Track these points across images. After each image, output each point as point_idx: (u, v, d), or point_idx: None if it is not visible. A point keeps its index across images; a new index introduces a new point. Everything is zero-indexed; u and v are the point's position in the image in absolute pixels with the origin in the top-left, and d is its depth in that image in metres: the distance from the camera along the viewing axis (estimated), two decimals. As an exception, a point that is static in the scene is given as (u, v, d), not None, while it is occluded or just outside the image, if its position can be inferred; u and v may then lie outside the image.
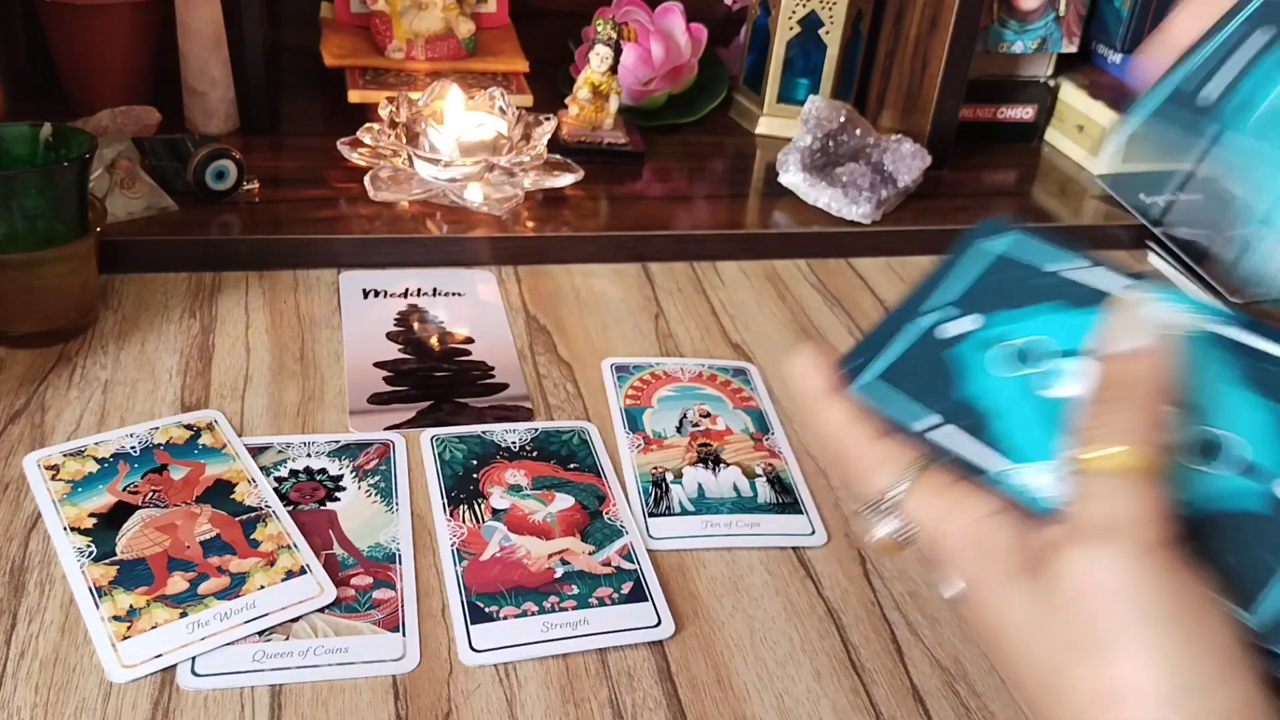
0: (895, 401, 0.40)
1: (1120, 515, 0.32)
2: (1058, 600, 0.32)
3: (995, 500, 0.36)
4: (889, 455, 0.39)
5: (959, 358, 0.40)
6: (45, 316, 0.65)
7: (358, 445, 0.60)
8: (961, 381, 0.39)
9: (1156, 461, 0.33)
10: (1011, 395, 0.38)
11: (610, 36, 0.89)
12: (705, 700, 0.49)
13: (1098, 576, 0.31)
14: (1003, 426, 0.38)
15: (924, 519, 0.37)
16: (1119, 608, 0.31)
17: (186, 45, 0.86)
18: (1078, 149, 1.03)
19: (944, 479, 0.38)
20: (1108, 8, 1.02)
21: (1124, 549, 0.31)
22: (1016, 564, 0.34)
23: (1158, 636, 0.30)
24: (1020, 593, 0.34)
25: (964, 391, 0.39)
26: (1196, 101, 0.41)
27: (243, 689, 0.46)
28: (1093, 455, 0.33)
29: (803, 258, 0.84)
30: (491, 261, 0.79)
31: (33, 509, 0.54)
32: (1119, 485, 0.33)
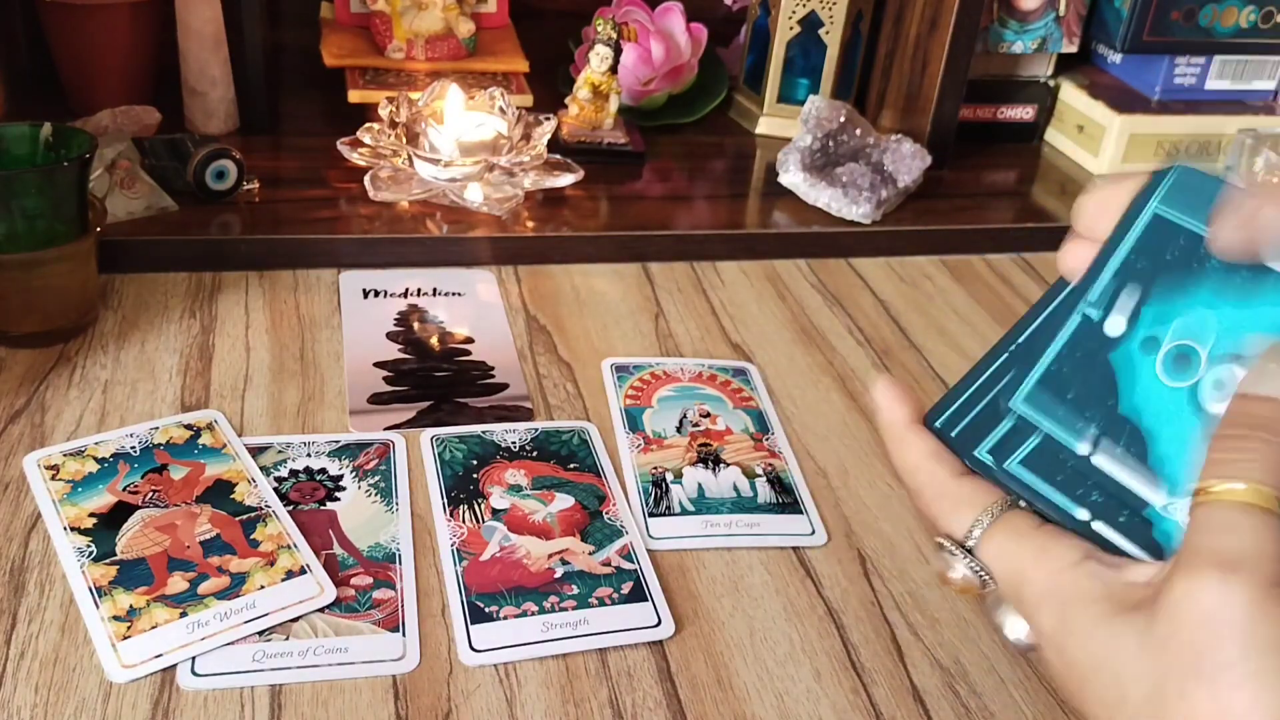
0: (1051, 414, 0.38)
1: (1243, 549, 0.32)
2: (1170, 630, 0.32)
3: (1079, 548, 0.36)
4: (971, 495, 0.38)
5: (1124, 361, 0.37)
6: (45, 316, 0.65)
7: (358, 445, 0.60)
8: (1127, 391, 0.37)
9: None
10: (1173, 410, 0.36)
11: (610, 36, 0.89)
12: (705, 700, 0.49)
13: (1217, 606, 0.31)
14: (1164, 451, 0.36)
15: (1003, 566, 0.37)
16: (1236, 637, 0.31)
17: (186, 45, 0.86)
18: (1078, 149, 1.03)
19: (1026, 524, 0.37)
20: (1108, 8, 1.02)
21: (1246, 582, 0.31)
22: (1110, 607, 0.34)
23: (1273, 667, 0.30)
24: (1118, 632, 0.33)
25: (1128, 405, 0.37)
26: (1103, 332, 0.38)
27: (243, 689, 0.46)
28: (1218, 487, 0.33)
29: (803, 258, 0.84)
30: (491, 261, 0.79)
31: (33, 509, 0.54)
32: (1242, 519, 0.32)
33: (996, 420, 0.39)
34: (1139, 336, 0.37)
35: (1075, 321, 0.38)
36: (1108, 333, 0.37)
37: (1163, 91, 1.03)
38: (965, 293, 0.83)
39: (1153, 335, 0.37)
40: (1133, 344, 0.37)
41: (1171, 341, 0.36)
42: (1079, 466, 0.37)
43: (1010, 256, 0.88)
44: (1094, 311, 0.38)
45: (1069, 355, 0.38)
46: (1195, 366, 0.36)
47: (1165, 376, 0.36)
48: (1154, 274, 0.37)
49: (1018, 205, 0.95)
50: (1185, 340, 0.36)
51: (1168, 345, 0.36)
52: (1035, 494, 0.37)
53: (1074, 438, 0.37)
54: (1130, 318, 0.37)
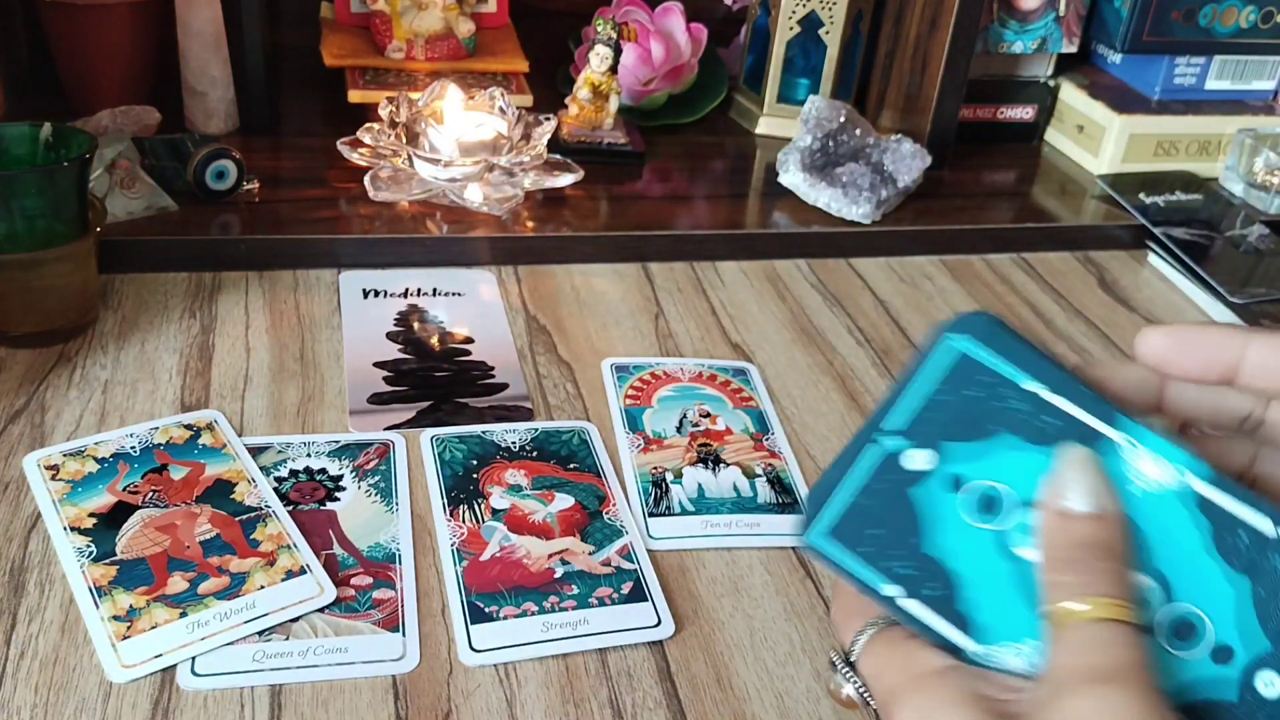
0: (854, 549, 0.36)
1: (1112, 661, 0.32)
2: None
3: (946, 659, 0.35)
4: (863, 609, 0.37)
5: (925, 499, 0.36)
6: (45, 316, 0.65)
7: (358, 445, 0.60)
8: (930, 531, 0.35)
9: (1133, 612, 0.33)
10: (980, 554, 0.35)
11: (610, 36, 0.89)
12: (705, 700, 0.49)
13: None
14: (972, 596, 0.35)
15: (876, 675, 0.36)
16: None
17: (186, 45, 0.86)
18: (1078, 149, 1.03)
19: (901, 634, 0.36)
20: (1108, 8, 1.02)
21: (1124, 693, 0.31)
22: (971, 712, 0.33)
23: None
24: None
25: (932, 546, 0.35)
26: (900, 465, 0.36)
27: (243, 689, 0.46)
28: (1070, 607, 0.33)
29: (803, 258, 0.84)
30: (491, 261, 0.79)
31: (33, 509, 0.54)
32: (1105, 633, 0.32)
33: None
34: (943, 475, 0.36)
35: (877, 452, 0.36)
36: (909, 467, 0.36)
37: (1163, 91, 1.03)
38: (965, 293, 0.83)
39: (957, 475, 0.35)
40: (934, 481, 0.36)
41: (976, 481, 0.35)
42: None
43: (1010, 256, 0.88)
44: (892, 443, 0.36)
45: (872, 488, 0.36)
46: (1001, 510, 0.35)
47: (971, 519, 0.35)
48: (958, 410, 0.36)
49: (1018, 205, 0.95)
50: (992, 482, 0.35)
51: (973, 485, 0.35)
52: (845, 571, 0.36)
53: (880, 578, 0.36)
54: (932, 453, 0.36)
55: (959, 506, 0.35)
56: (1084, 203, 0.96)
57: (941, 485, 0.36)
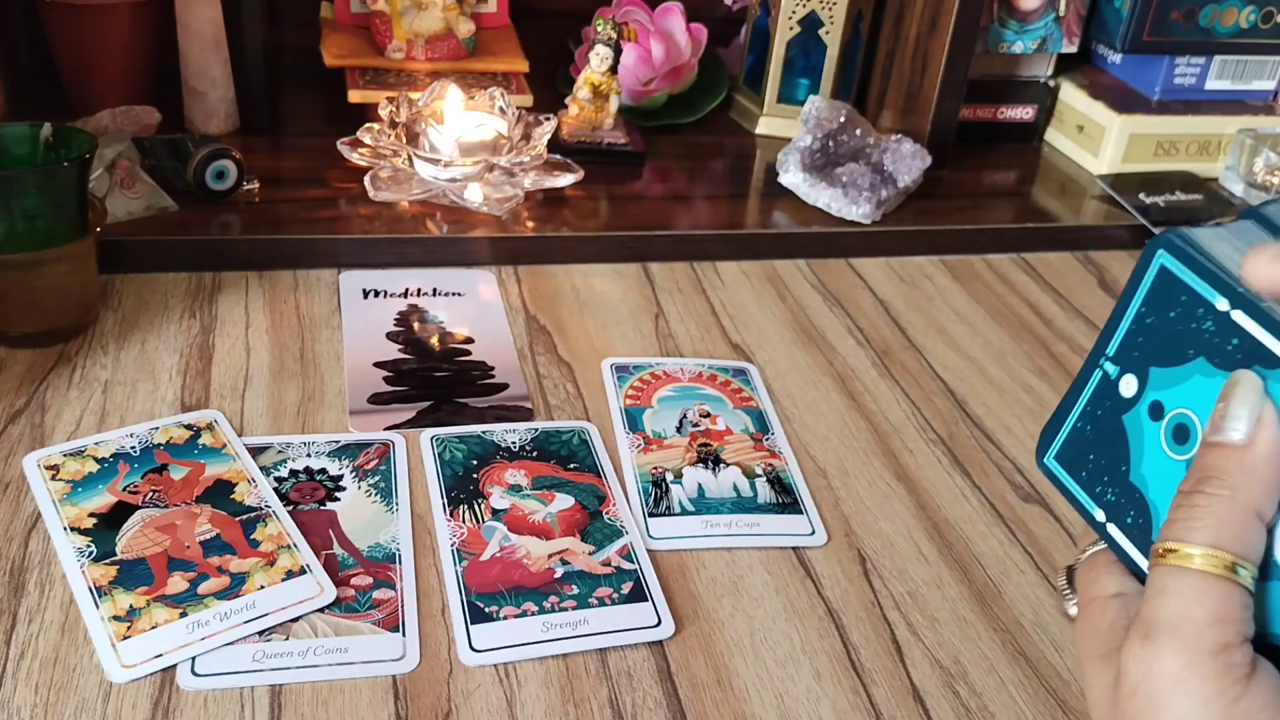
0: (1077, 474, 0.38)
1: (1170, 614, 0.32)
2: (1121, 689, 0.33)
3: (1120, 584, 0.36)
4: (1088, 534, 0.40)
5: (1136, 426, 0.36)
6: (45, 316, 0.65)
7: (358, 445, 0.60)
8: (1137, 459, 0.36)
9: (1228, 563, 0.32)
10: (1176, 484, 0.34)
11: (610, 36, 0.89)
12: (705, 700, 0.49)
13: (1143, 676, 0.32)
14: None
15: (1080, 588, 0.38)
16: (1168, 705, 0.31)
17: (186, 45, 0.86)
18: (1078, 149, 1.03)
19: (1103, 558, 0.38)
20: (1108, 8, 1.02)
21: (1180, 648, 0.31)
22: (1108, 647, 0.35)
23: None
24: (1101, 674, 0.35)
25: (1137, 474, 0.36)
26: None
27: (243, 689, 0.46)
28: (1172, 548, 0.33)
29: (803, 258, 0.84)
30: (491, 261, 0.79)
31: (33, 509, 0.54)
32: (1188, 584, 0.32)
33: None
34: (1148, 400, 0.36)
35: (1097, 377, 0.37)
36: (1122, 393, 0.37)
37: (1163, 91, 1.03)
38: (965, 293, 0.83)
39: (1158, 400, 0.35)
40: (1142, 408, 0.36)
41: (1172, 410, 0.35)
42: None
43: (1010, 256, 0.88)
44: (1111, 368, 0.37)
45: (1091, 413, 0.37)
46: (1194, 439, 0.34)
47: (1168, 447, 0.35)
48: (1160, 332, 0.36)
49: (1018, 205, 0.95)
50: (1184, 410, 0.35)
51: (1170, 414, 0.35)
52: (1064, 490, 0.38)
53: (1093, 504, 0.37)
54: (1140, 379, 0.36)
55: (1159, 435, 0.35)
56: (1084, 203, 0.96)
57: (1146, 412, 0.35)
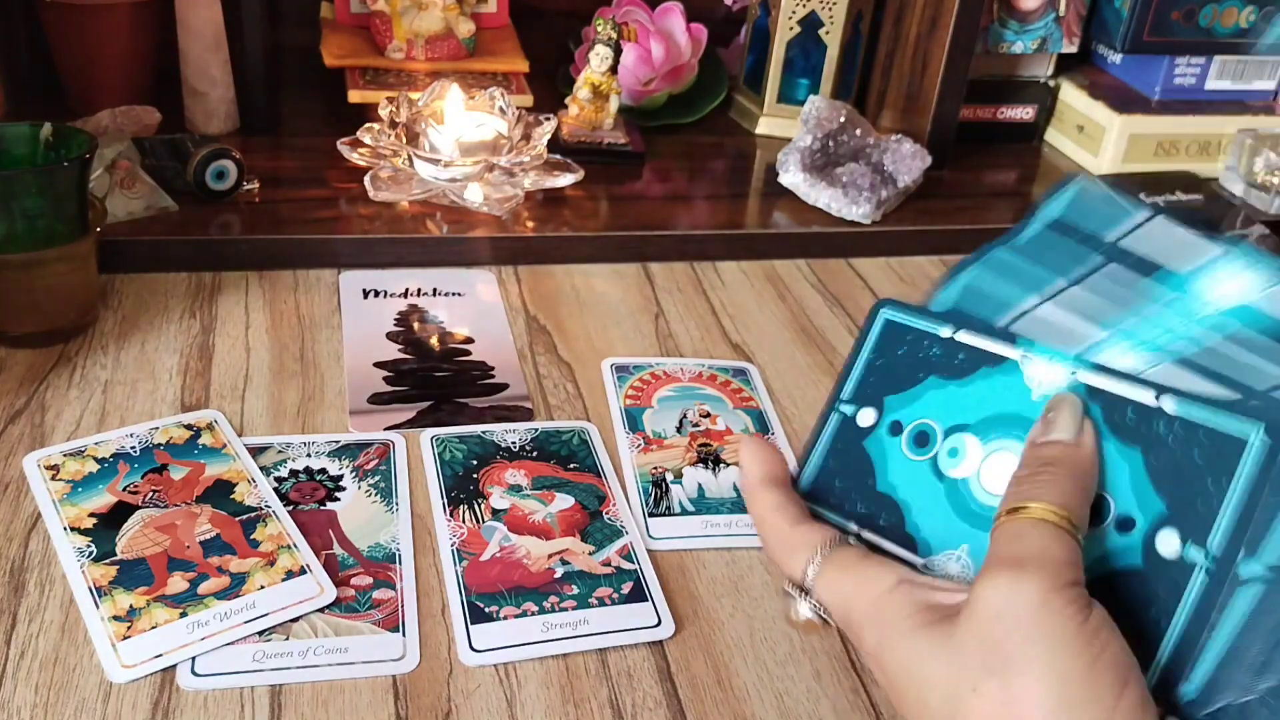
0: (826, 502, 0.44)
1: (1033, 552, 0.35)
2: (966, 631, 0.35)
3: (895, 574, 0.39)
4: (805, 539, 0.42)
5: (875, 445, 0.43)
6: (45, 316, 0.65)
7: (358, 445, 0.60)
8: (881, 471, 0.43)
9: (1073, 523, 0.36)
10: (920, 481, 0.42)
11: (610, 36, 0.89)
12: (705, 700, 0.49)
13: (1007, 602, 0.34)
14: (916, 519, 0.41)
15: (833, 598, 0.40)
16: (1024, 631, 0.34)
17: (186, 45, 0.86)
18: (1078, 149, 1.03)
19: (851, 557, 0.41)
20: (1108, 8, 1.02)
21: (1034, 581, 0.34)
22: (917, 622, 0.37)
23: (1056, 655, 0.33)
24: (922, 644, 0.36)
25: (882, 482, 0.43)
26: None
27: (243, 689, 0.46)
28: (1013, 506, 0.37)
29: (803, 258, 0.84)
30: (491, 261, 0.79)
31: (33, 509, 0.54)
32: (1033, 529, 0.36)
33: None
34: (886, 422, 0.43)
35: (835, 420, 0.45)
36: (860, 424, 0.44)
37: (1163, 92, 1.03)
38: (965, 293, 0.83)
39: (896, 420, 0.43)
40: (881, 430, 0.43)
41: (911, 423, 0.43)
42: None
43: (1010, 256, 0.88)
44: (848, 408, 0.45)
45: (835, 449, 0.45)
46: (933, 441, 0.42)
47: (910, 453, 0.42)
48: (890, 368, 0.44)
49: (1018, 205, 0.95)
50: (924, 420, 0.42)
51: (909, 427, 0.43)
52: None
53: (845, 520, 0.43)
54: (877, 408, 0.44)
55: (899, 446, 0.43)
56: (1084, 203, 0.96)
57: (885, 433, 0.43)
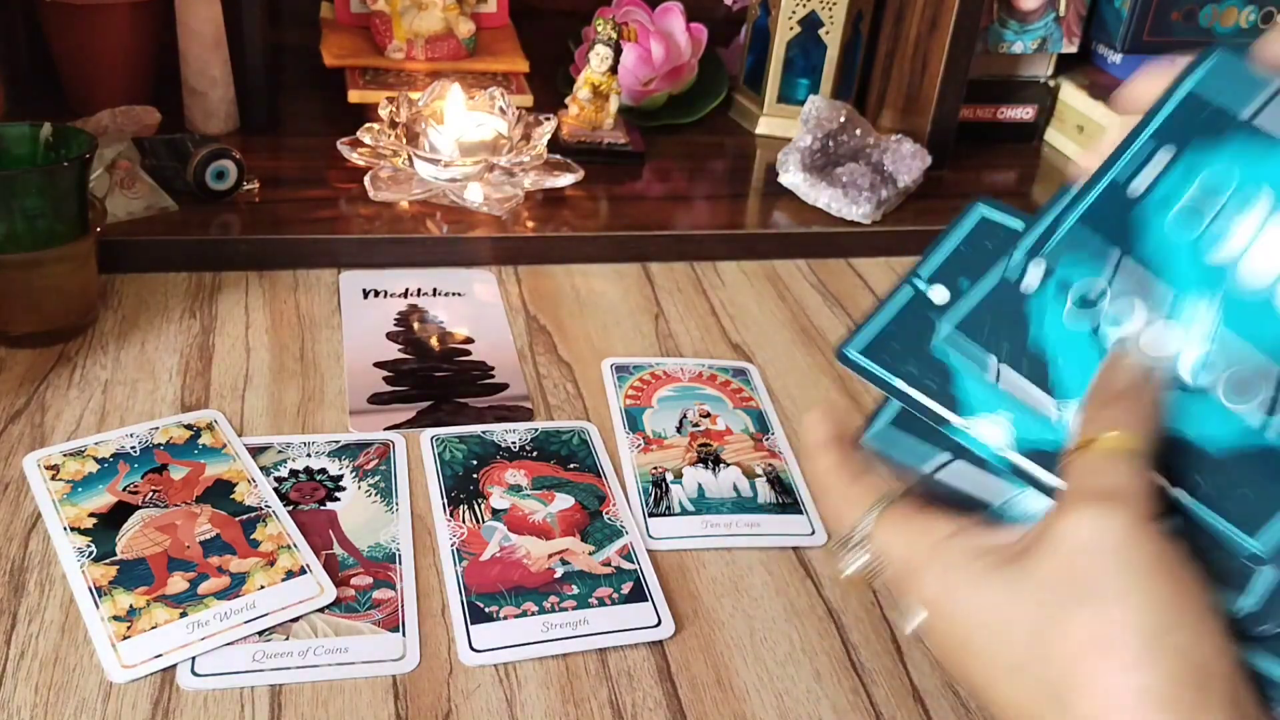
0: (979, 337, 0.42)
1: (1118, 485, 0.35)
2: (1050, 566, 0.34)
3: (954, 522, 0.39)
4: (863, 494, 0.41)
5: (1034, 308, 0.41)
6: (45, 316, 0.65)
7: (358, 445, 0.60)
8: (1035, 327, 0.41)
9: (1151, 449, 0.36)
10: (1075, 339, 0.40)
11: (610, 36, 0.89)
12: (705, 700, 0.49)
13: (1095, 534, 0.34)
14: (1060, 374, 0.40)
15: (890, 549, 0.40)
16: (1113, 561, 0.34)
17: (186, 45, 0.86)
18: (1078, 149, 1.03)
19: (908, 510, 0.40)
20: (1108, 8, 1.02)
21: (1121, 512, 0.34)
22: (984, 565, 0.36)
23: (1146, 584, 0.33)
24: (994, 586, 0.36)
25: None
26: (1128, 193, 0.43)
27: (243, 689, 0.46)
28: (1099, 434, 0.36)
29: (803, 258, 0.84)
30: (491, 261, 0.79)
31: (33, 509, 0.54)
32: (1115, 462, 0.36)
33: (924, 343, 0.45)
34: (1053, 284, 0.41)
35: (993, 281, 0.43)
36: (1024, 289, 0.42)
37: (1163, 91, 1.02)
38: (965, 293, 0.83)
39: (1064, 279, 0.41)
40: (1046, 293, 0.41)
41: (1077, 283, 0.41)
42: None
43: (1010, 256, 0.88)
44: (1013, 273, 0.43)
45: (987, 307, 0.43)
46: (1099, 305, 0.40)
47: (1072, 315, 0.40)
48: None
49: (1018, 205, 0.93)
50: (1089, 280, 0.41)
51: (1075, 289, 0.41)
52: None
53: (981, 369, 0.41)
54: (1044, 271, 0.42)
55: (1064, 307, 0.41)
56: (1084, 203, 0.96)
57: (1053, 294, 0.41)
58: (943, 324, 0.44)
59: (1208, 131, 0.41)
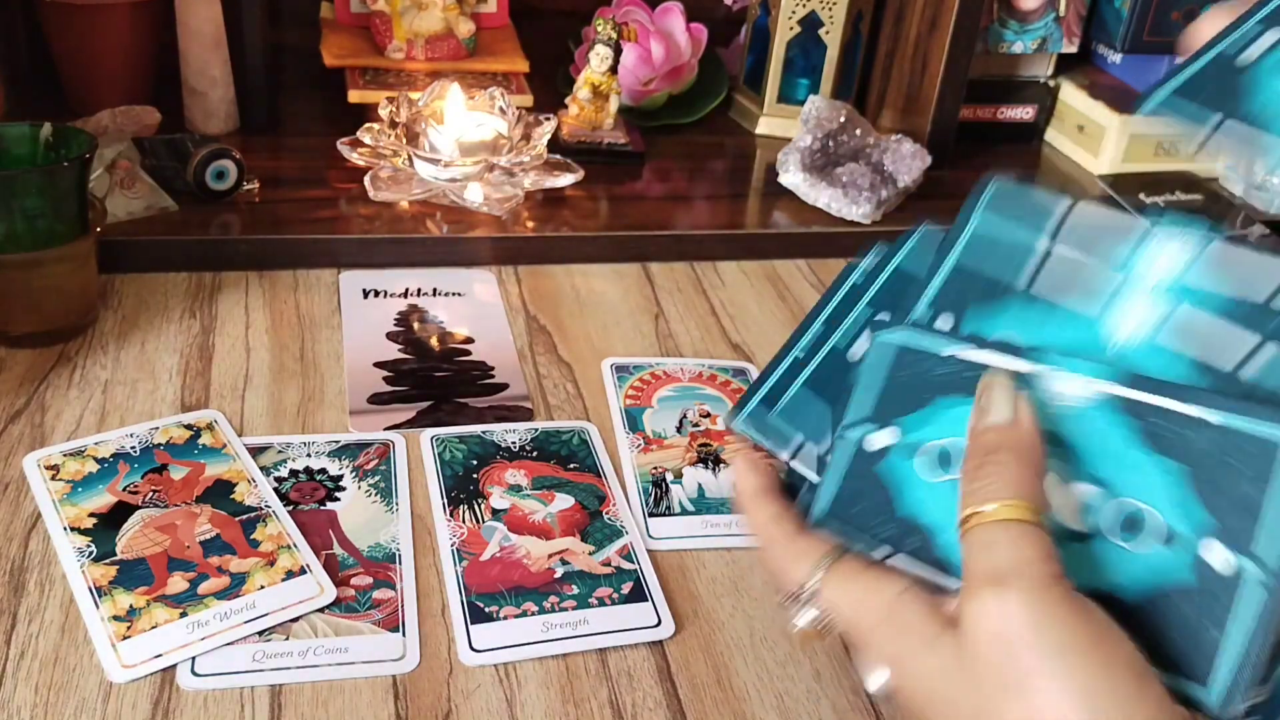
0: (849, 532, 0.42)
1: (1006, 561, 0.34)
2: (972, 652, 0.34)
3: (901, 580, 0.38)
4: (808, 548, 0.41)
5: (890, 471, 0.41)
6: (45, 316, 0.65)
7: (358, 445, 0.60)
8: (900, 497, 0.41)
9: (1034, 510, 0.35)
10: (944, 503, 0.39)
11: (610, 36, 0.89)
12: (705, 700, 0.49)
13: (999, 621, 0.33)
14: (946, 540, 0.39)
15: (840, 606, 0.40)
16: (1027, 646, 0.33)
17: (186, 45, 0.86)
18: (1078, 149, 1.03)
19: (856, 566, 0.40)
20: (1108, 8, 1.02)
21: (1017, 591, 0.33)
22: (933, 630, 0.36)
23: (1069, 665, 0.32)
24: (941, 655, 0.36)
25: (904, 508, 0.41)
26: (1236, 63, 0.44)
27: (243, 689, 0.46)
28: (972, 512, 0.36)
29: (803, 258, 0.84)
30: (491, 261, 0.79)
31: (33, 509, 0.54)
32: (1001, 534, 0.35)
33: None
34: (901, 446, 0.41)
35: (845, 446, 0.42)
36: (872, 448, 0.41)
37: (1163, 91, 1.02)
38: (965, 293, 0.83)
39: (913, 442, 0.40)
40: (894, 455, 0.41)
41: (929, 443, 0.40)
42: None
43: (1010, 256, 0.88)
44: (855, 432, 0.42)
45: (848, 474, 0.42)
46: (955, 462, 0.39)
47: (928, 475, 0.40)
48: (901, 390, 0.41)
49: (1018, 205, 0.95)
50: (939, 441, 0.40)
51: (927, 447, 0.40)
52: None
53: (871, 545, 0.41)
54: (892, 431, 0.41)
55: (919, 469, 0.40)
56: (1084, 203, 0.96)
57: (902, 455, 0.41)
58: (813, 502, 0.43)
59: None
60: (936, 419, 0.40)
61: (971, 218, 0.43)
